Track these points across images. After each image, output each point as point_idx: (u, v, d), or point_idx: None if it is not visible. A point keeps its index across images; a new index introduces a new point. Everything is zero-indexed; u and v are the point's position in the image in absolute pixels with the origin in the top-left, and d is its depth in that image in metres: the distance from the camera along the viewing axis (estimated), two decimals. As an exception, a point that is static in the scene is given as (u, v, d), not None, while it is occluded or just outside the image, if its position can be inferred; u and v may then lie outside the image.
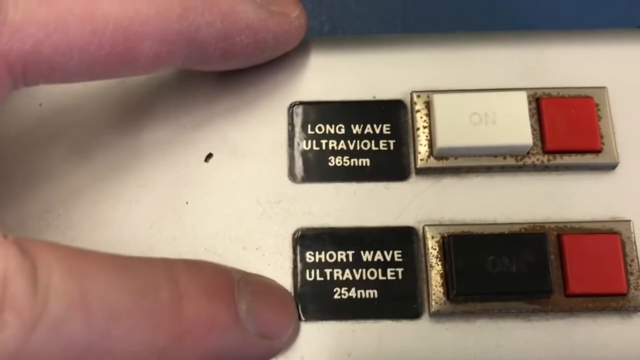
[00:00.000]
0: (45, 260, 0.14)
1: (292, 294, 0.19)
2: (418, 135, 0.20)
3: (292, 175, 0.21)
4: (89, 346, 0.14)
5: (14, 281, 0.13)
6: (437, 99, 0.20)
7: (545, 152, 0.20)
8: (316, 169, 0.21)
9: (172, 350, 0.15)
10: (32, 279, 0.14)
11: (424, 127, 0.20)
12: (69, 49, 0.16)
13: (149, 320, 0.15)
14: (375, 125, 0.21)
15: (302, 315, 0.19)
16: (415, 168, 0.20)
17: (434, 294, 0.19)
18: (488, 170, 0.20)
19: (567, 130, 0.20)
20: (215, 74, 0.21)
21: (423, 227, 0.20)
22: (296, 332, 0.19)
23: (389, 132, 0.21)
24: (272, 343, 0.18)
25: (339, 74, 0.22)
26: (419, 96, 0.21)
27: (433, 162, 0.20)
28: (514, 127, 0.20)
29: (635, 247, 0.19)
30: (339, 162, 0.21)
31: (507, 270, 0.18)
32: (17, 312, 0.13)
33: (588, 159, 0.20)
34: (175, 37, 0.17)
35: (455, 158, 0.20)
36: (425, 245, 0.20)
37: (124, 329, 0.15)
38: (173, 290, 0.16)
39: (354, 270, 0.20)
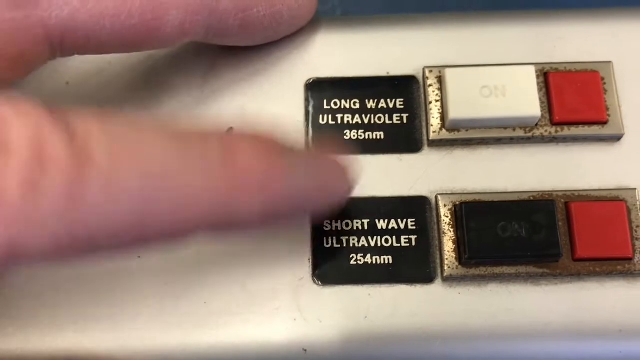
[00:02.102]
0: (81, 119, 0.14)
1: (311, 259, 0.20)
2: (430, 109, 0.21)
3: (309, 148, 0.21)
4: (145, 198, 0.14)
5: (48, 140, 0.13)
6: (449, 73, 0.21)
7: (553, 123, 0.21)
8: (332, 142, 0.21)
9: (235, 194, 0.15)
10: (67, 134, 0.13)
11: (436, 101, 0.21)
12: (102, 17, 0.17)
13: (202, 165, 0.15)
14: (389, 100, 0.22)
15: (319, 280, 0.20)
16: (428, 140, 0.21)
17: (447, 259, 0.20)
18: (498, 141, 0.21)
19: (574, 103, 0.21)
20: (235, 53, 0.22)
21: (436, 196, 0.21)
22: (353, 185, 0.19)
23: (402, 107, 0.22)
24: (331, 192, 0.18)
25: (353, 52, 0.22)
26: (431, 71, 0.22)
27: (445, 134, 0.21)
28: (523, 99, 0.20)
29: (641, 214, 0.20)
30: (354, 136, 0.22)
31: (517, 235, 0.19)
32: (58, 166, 0.13)
33: (594, 130, 0.21)
34: (198, 8, 0.18)
35: (467, 130, 0.21)
36: (438, 213, 0.20)
37: (180, 174, 0.14)
38: (221, 142, 0.15)
39: (369, 238, 0.21)
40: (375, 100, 0.22)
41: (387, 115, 0.22)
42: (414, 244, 0.20)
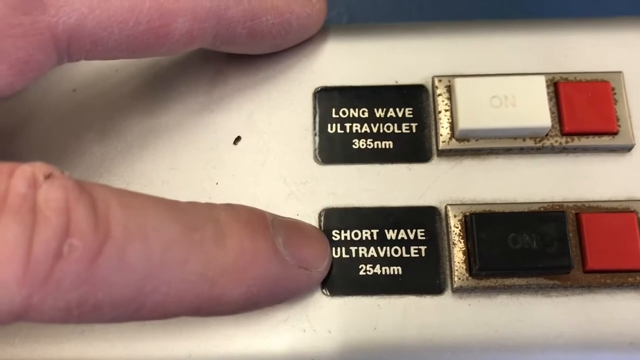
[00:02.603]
0: (102, 194, 0.15)
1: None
2: (440, 118, 0.21)
3: (317, 157, 0.21)
4: (148, 275, 0.15)
5: (75, 210, 0.14)
6: (458, 83, 0.21)
7: (563, 134, 0.21)
8: (341, 151, 0.21)
9: (220, 281, 0.16)
10: (92, 209, 0.14)
11: (446, 110, 0.21)
12: (109, 23, 0.17)
13: (199, 252, 0.16)
14: (397, 109, 0.22)
15: (328, 291, 0.20)
16: (437, 150, 0.21)
17: (457, 270, 0.20)
18: (508, 151, 0.21)
19: (585, 113, 0.21)
20: (243, 61, 0.22)
21: (445, 207, 0.20)
22: (329, 264, 0.20)
23: (411, 116, 0.22)
24: (310, 273, 0.19)
25: (361, 61, 0.22)
26: (440, 80, 0.21)
27: (454, 144, 0.21)
28: (533, 109, 0.20)
29: (651, 226, 0.20)
30: (362, 145, 0.21)
31: (527, 247, 0.19)
32: (82, 237, 0.14)
33: (605, 141, 0.21)
34: (206, 15, 0.18)
35: (476, 140, 0.21)
36: (447, 224, 0.20)
37: (178, 259, 0.15)
38: (216, 226, 0.16)
39: (379, 248, 0.20)
40: (384, 109, 0.22)
41: (396, 125, 0.22)
42: (423, 254, 0.20)
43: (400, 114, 0.22)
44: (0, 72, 0.16)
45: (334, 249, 0.20)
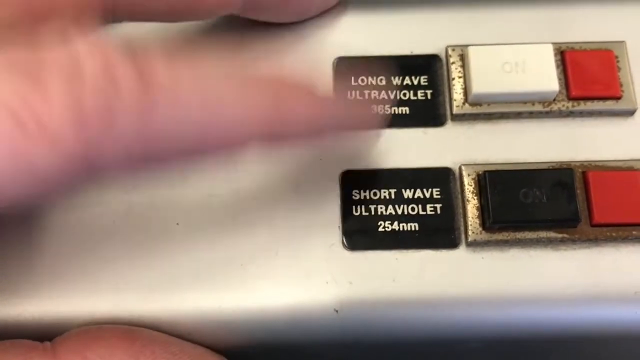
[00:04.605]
0: (143, 56, 0.15)
1: (341, 226, 0.21)
2: (453, 85, 0.22)
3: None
4: (207, 125, 0.15)
5: (120, 67, 0.14)
6: (472, 50, 0.22)
7: (570, 98, 0.22)
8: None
9: (284, 105, 0.17)
10: (137, 66, 0.14)
11: (459, 77, 0.22)
12: None
13: (253, 88, 0.16)
14: (413, 77, 0.23)
15: (349, 246, 0.21)
16: (451, 114, 0.22)
17: (471, 225, 0.21)
18: (518, 115, 0.22)
19: (590, 79, 0.22)
20: (266, 31, 0.23)
21: (460, 167, 0.22)
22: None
23: (426, 83, 0.23)
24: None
25: (378, 32, 0.23)
26: (453, 50, 0.23)
27: (468, 109, 0.22)
28: (542, 75, 0.22)
29: (653, 184, 0.21)
30: (380, 110, 0.23)
31: (538, 201, 0.20)
32: (130, 89, 0.14)
33: (609, 105, 0.22)
34: None
35: (488, 104, 0.22)
36: (462, 182, 0.21)
37: (236, 94, 0.16)
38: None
39: (396, 206, 0.22)
40: (400, 77, 0.23)
41: (411, 92, 0.23)
42: (439, 211, 0.21)
43: (415, 82, 0.23)
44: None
45: (353, 207, 0.22)
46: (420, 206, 0.22)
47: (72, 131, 0.14)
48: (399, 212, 0.22)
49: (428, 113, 0.22)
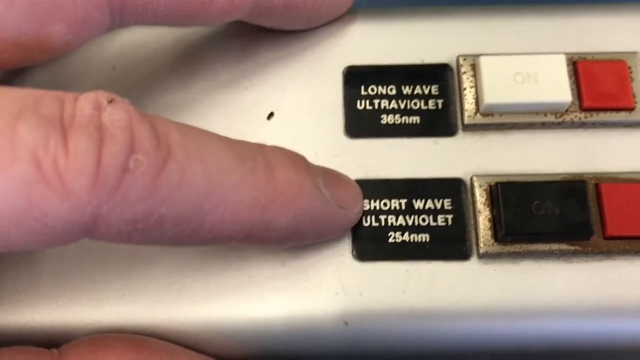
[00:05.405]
0: (162, 121, 0.16)
1: (351, 236, 0.21)
2: (465, 95, 0.22)
3: (347, 131, 0.22)
4: (207, 193, 0.16)
5: (138, 130, 0.15)
6: (483, 60, 0.22)
7: (583, 109, 0.22)
8: (370, 126, 0.22)
9: (270, 207, 0.17)
10: (153, 131, 0.15)
11: (470, 87, 0.22)
12: None
13: (251, 178, 0.17)
14: (424, 87, 0.23)
15: (359, 257, 0.21)
16: (463, 124, 0.22)
17: (482, 236, 0.21)
18: (530, 126, 0.22)
19: (603, 90, 0.22)
20: (274, 38, 0.23)
21: (471, 178, 0.21)
22: (362, 208, 0.21)
23: (437, 93, 0.23)
24: (347, 213, 0.20)
25: (389, 41, 0.23)
26: (465, 59, 0.23)
27: (479, 119, 0.22)
28: (555, 85, 0.21)
29: (667, 196, 0.21)
30: (390, 120, 0.22)
31: (551, 213, 0.20)
32: (146, 153, 0.15)
33: (622, 116, 0.22)
34: None
35: (500, 115, 0.22)
36: (473, 193, 0.21)
37: (234, 182, 0.16)
38: (265, 159, 0.18)
39: (407, 217, 0.21)
40: (411, 87, 0.23)
41: (422, 101, 0.23)
42: (450, 223, 0.21)
43: (426, 91, 0.23)
44: (59, 30, 0.17)
45: (363, 217, 0.21)
46: (431, 217, 0.21)
47: (87, 187, 0.14)
48: (410, 222, 0.21)
49: (439, 123, 0.22)
